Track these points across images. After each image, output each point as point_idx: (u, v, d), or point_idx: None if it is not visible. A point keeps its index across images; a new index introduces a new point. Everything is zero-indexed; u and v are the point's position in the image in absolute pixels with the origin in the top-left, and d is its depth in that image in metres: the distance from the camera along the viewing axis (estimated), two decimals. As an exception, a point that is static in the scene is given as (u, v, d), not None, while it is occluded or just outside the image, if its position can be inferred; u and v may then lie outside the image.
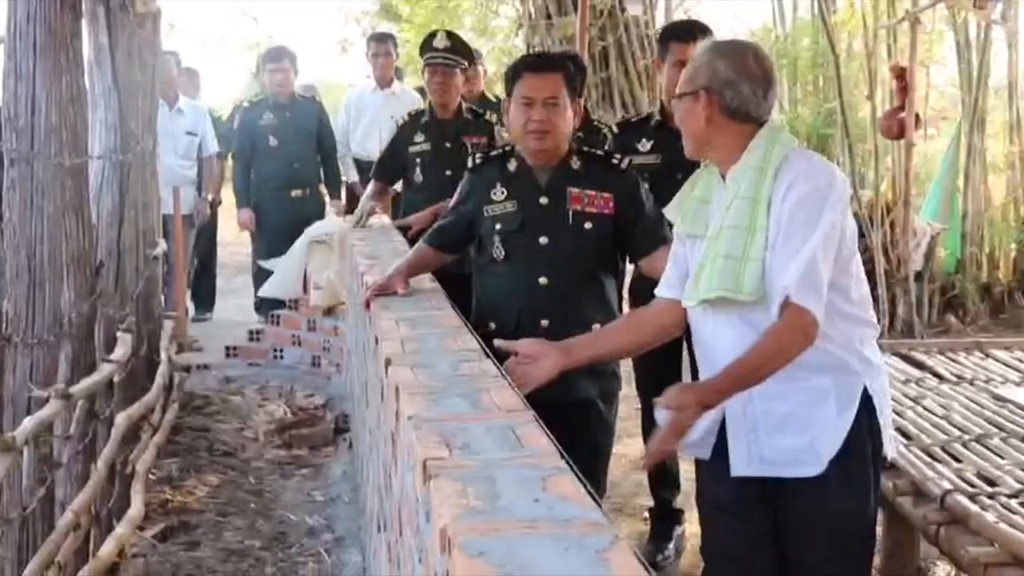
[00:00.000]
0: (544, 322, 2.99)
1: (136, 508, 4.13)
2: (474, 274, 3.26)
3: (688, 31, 3.68)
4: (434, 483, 1.59)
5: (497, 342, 2.60)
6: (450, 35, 4.70)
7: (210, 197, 7.53)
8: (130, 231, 4.54)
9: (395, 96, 7.44)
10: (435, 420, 1.92)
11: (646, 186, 3.20)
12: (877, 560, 3.06)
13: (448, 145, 4.57)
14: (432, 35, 4.73)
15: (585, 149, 3.18)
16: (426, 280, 3.41)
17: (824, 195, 2.30)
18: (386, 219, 5.24)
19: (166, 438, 5.15)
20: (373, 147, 7.08)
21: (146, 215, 5.04)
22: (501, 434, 1.82)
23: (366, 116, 7.43)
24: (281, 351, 6.70)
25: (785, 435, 2.37)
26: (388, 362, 2.41)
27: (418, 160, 4.60)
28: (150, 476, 4.61)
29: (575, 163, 3.11)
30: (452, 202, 3.29)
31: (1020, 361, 4.23)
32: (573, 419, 2.93)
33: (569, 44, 9.35)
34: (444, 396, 2.08)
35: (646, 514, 4.27)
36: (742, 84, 2.38)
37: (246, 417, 5.81)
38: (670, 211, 2.61)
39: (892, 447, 2.49)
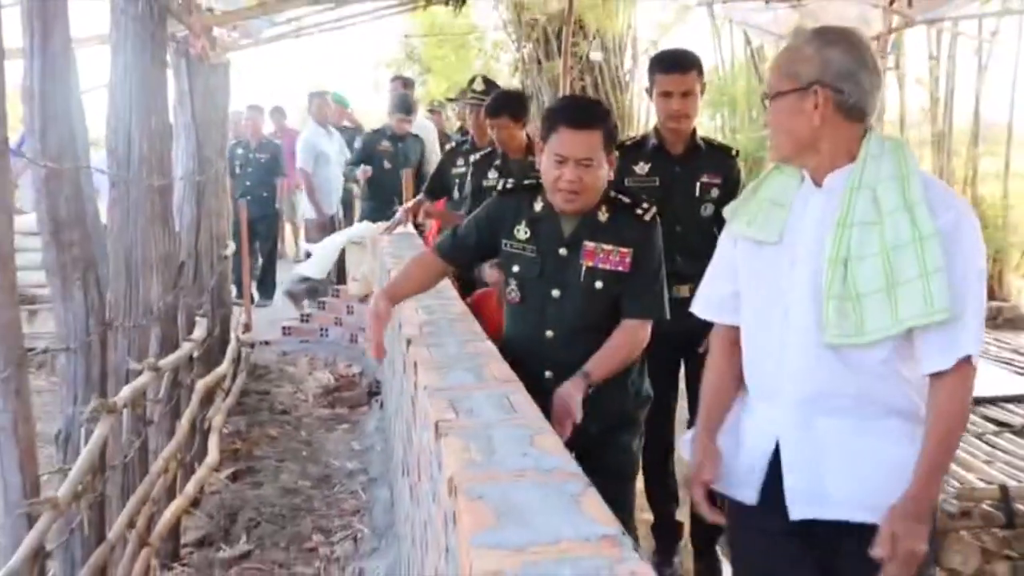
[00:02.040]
0: (548, 374, 2.35)
1: (212, 455, 4.16)
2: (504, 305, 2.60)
3: (672, 64, 3.03)
4: (444, 440, 1.60)
5: None
6: (486, 80, 4.52)
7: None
8: (205, 236, 4.54)
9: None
10: (445, 389, 1.91)
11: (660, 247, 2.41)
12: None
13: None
14: (472, 80, 4.59)
15: (613, 195, 2.38)
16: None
17: (968, 225, 1.65)
18: (411, 227, 5.22)
19: (235, 400, 5.18)
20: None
21: (218, 223, 5.05)
22: (498, 401, 1.82)
23: None
24: (326, 330, 6.73)
25: (860, 472, 1.69)
26: (409, 342, 2.41)
27: (457, 180, 4.53)
28: (223, 430, 4.63)
29: (602, 214, 2.36)
30: (477, 213, 2.55)
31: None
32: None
33: (554, 84, 9.36)
34: (452, 370, 2.07)
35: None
36: (862, 77, 1.67)
37: (299, 383, 5.83)
38: (729, 212, 1.90)
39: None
